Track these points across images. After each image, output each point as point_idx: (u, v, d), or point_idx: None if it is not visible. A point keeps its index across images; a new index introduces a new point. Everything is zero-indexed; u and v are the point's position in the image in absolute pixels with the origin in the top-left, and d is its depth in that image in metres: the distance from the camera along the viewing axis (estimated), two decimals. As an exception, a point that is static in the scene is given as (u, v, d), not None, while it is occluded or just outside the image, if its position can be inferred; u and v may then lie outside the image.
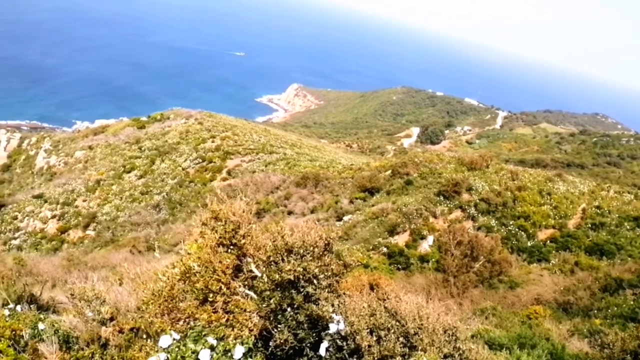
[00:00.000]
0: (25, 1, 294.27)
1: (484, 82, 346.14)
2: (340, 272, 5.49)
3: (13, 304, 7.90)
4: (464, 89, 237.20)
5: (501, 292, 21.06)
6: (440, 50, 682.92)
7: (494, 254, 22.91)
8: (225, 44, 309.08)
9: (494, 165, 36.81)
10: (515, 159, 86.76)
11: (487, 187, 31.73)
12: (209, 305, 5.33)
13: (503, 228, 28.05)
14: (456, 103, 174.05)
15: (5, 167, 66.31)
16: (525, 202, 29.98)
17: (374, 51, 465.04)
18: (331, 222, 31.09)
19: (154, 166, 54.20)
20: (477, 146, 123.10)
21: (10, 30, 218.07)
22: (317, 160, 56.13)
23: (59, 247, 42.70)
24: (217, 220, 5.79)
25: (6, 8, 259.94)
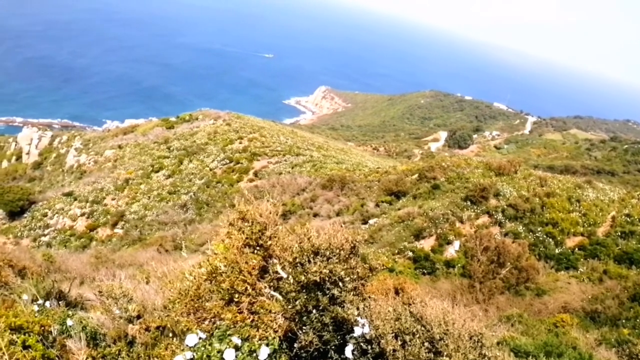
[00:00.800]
0: (58, 2, 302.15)
1: (513, 87, 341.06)
2: (366, 276, 5.45)
3: (42, 299, 8.06)
4: (492, 93, 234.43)
5: (528, 300, 20.69)
6: (468, 54, 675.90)
7: (521, 261, 22.49)
8: (254, 45, 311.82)
9: (523, 171, 36.21)
10: (544, 165, 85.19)
11: (515, 193, 31.24)
12: (234, 305, 5.35)
13: (530, 235, 27.57)
14: (485, 107, 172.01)
15: (37, 165, 68.00)
16: (554, 208, 29.38)
17: (403, 54, 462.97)
18: (357, 225, 31.01)
19: (182, 166, 54.95)
20: (506, 151, 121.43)
21: (44, 30, 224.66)
22: (343, 163, 56.08)
23: (88, 245, 43.62)
24: (244, 220, 5.81)
25: (40, 8, 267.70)
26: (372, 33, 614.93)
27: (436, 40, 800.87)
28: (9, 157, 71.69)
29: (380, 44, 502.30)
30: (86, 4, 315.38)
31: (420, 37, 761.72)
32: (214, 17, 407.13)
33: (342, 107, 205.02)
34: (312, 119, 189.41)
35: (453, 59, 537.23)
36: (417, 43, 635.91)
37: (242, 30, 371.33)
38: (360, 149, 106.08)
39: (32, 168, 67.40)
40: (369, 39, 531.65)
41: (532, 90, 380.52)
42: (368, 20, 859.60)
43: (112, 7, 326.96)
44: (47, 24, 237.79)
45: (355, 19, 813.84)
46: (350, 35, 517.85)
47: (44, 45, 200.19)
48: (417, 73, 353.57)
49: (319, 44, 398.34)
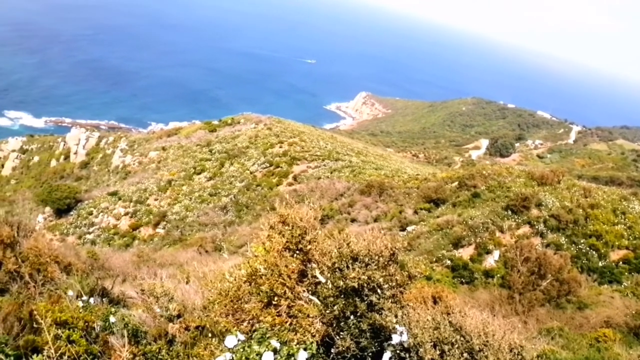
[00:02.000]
0: (107, 7, 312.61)
1: (558, 95, 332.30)
2: (405, 283, 5.41)
3: (86, 296, 8.31)
4: (536, 102, 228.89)
5: (569, 313, 20.04)
6: (512, 61, 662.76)
7: (562, 273, 21.79)
8: (297, 51, 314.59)
9: (566, 181, 35.11)
10: (589, 175, 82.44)
11: (558, 204, 30.30)
12: (273, 308, 5.39)
13: (573, 246, 26.69)
14: (528, 116, 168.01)
15: (84, 165, 70.24)
16: (598, 220, 28.33)
17: (445, 61, 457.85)
18: (394, 232, 30.75)
19: (223, 169, 55.81)
20: (549, 161, 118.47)
21: (95, 34, 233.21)
22: (382, 169, 55.78)
23: (130, 244, 44.76)
24: (284, 224, 5.86)
25: (91, 13, 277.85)
26: (414, 39, 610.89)
27: (479, 47, 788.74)
28: (57, 157, 74.40)
29: (422, 50, 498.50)
30: (135, 10, 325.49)
31: (463, 44, 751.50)
32: (258, 23, 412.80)
33: (382, 113, 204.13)
34: (352, 125, 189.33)
35: (496, 66, 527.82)
36: (459, 50, 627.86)
37: (285, 36, 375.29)
38: (400, 156, 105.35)
39: (79, 167, 69.55)
40: (410, 45, 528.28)
41: (577, 98, 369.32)
42: (410, 26, 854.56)
43: (160, 13, 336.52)
44: (98, 28, 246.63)
45: (398, 25, 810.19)
46: (392, 41, 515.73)
47: (95, 49, 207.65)
48: (459, 80, 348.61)
49: (361, 49, 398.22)
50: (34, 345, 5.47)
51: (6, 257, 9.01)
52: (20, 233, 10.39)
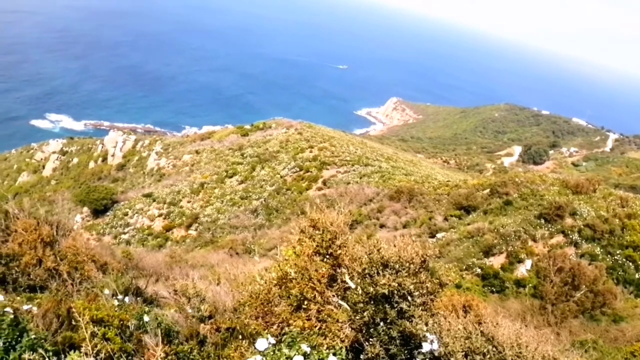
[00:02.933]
0: (146, 14, 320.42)
1: (594, 102, 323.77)
2: (435, 291, 5.37)
3: (121, 295, 8.52)
4: (571, 108, 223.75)
5: (603, 325, 19.47)
6: (546, 66, 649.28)
7: (597, 284, 21.18)
8: (329, 57, 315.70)
9: (602, 190, 34.08)
10: (626, 184, 79.86)
11: (593, 213, 29.44)
12: (302, 312, 5.43)
13: (609, 257, 25.87)
14: (562, 123, 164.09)
15: (120, 167, 71.87)
16: (635, 231, 27.41)
17: (477, 66, 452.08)
18: (424, 239, 30.44)
19: (254, 172, 56.33)
20: (584, 169, 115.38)
21: (135, 40, 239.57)
22: (412, 175, 55.35)
23: (163, 244, 45.57)
24: (315, 228, 5.90)
25: (131, 20, 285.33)
26: (445, 45, 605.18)
27: (513, 52, 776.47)
28: (95, 158, 76.40)
29: (453, 56, 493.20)
30: (171, 17, 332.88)
31: (496, 49, 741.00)
32: (291, 29, 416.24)
33: (413, 119, 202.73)
34: (382, 130, 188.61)
35: (530, 71, 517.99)
36: (492, 55, 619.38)
37: (317, 42, 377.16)
38: (430, 162, 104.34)
39: (116, 169, 71.18)
40: (442, 50, 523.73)
41: (614, 105, 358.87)
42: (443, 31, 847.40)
43: (195, 20, 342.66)
44: (137, 35, 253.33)
45: (431, 30, 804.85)
46: (424, 47, 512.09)
47: (134, 55, 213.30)
48: (491, 86, 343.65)
49: (393, 55, 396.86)
50: (71, 341, 5.61)
51: (46, 255, 9.30)
52: (59, 232, 10.70)
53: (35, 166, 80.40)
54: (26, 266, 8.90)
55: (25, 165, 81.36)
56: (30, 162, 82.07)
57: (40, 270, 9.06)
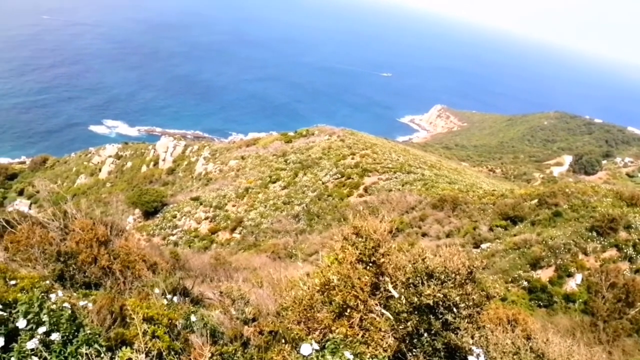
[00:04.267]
0: (200, 25, 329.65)
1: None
2: (482, 303, 5.30)
3: (170, 294, 8.77)
4: (627, 117, 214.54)
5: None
6: (600, 73, 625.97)
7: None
8: (373, 64, 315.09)
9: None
10: (688, 197, 75.74)
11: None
12: (345, 319, 5.46)
13: (666, 274, 24.66)
14: (617, 132, 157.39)
15: (170, 171, 73.93)
16: (695, 246, 26.03)
17: (525, 73, 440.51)
18: (468, 249, 29.87)
19: (297, 178, 56.76)
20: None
21: (189, 51, 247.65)
22: (456, 183, 54.41)
23: (209, 247, 46.50)
24: (358, 236, 5.93)
25: (186, 32, 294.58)
26: (492, 51, 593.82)
27: (563, 58, 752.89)
28: (147, 162, 78.95)
29: (501, 62, 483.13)
30: (222, 28, 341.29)
31: (546, 56, 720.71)
32: (336, 38, 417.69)
33: (458, 126, 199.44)
34: (426, 138, 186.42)
35: (582, 78, 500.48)
36: (541, 61, 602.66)
37: (362, 50, 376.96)
38: (475, 170, 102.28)
39: (167, 173, 73.26)
40: (487, 56, 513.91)
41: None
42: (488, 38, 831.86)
43: (244, 31, 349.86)
44: (191, 45, 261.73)
45: (476, 37, 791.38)
46: (469, 53, 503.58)
47: (189, 65, 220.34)
48: (540, 93, 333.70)
49: (437, 62, 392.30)
50: (123, 338, 5.79)
51: (100, 253, 9.68)
52: (113, 232, 11.11)
53: (92, 169, 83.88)
54: (82, 264, 9.28)
55: (83, 168, 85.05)
56: (87, 165, 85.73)
57: (95, 268, 9.43)
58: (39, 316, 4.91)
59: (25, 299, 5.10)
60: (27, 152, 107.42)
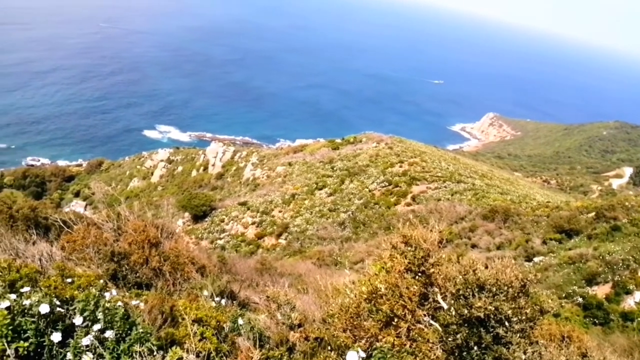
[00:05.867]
0: (251, 33, 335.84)
1: None
2: (535, 318, 5.11)
3: (218, 297, 8.92)
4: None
5: None
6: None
7: None
8: (424, 72, 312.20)
9: None
10: None
11: None
12: (392, 329, 5.38)
13: None
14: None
15: (219, 176, 75.54)
16: None
17: (584, 81, 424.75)
18: (519, 262, 28.96)
19: (343, 185, 56.73)
20: None
21: (241, 58, 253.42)
22: (508, 194, 52.96)
23: (255, 251, 47.13)
24: (407, 245, 5.85)
25: (238, 39, 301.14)
26: (548, 58, 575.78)
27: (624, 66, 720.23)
28: (197, 167, 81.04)
29: (557, 70, 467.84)
30: (272, 35, 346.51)
31: (605, 63, 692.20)
32: (386, 44, 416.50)
33: (511, 135, 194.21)
34: (477, 146, 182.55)
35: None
36: (601, 69, 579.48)
37: (412, 57, 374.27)
38: (528, 181, 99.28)
39: (216, 178, 74.95)
40: (544, 64, 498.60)
41: None
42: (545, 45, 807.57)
43: (296, 38, 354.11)
44: (243, 52, 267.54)
45: (531, 44, 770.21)
46: (524, 61, 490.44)
47: (241, 72, 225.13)
48: (599, 102, 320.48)
49: (490, 69, 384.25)
50: (173, 337, 5.90)
51: (152, 255, 9.95)
52: (163, 234, 11.38)
53: (145, 173, 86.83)
54: (134, 264, 9.57)
55: (136, 171, 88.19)
56: (140, 169, 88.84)
57: (146, 269, 9.70)
58: (95, 314, 5.04)
59: (82, 296, 5.25)
60: (85, 156, 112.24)
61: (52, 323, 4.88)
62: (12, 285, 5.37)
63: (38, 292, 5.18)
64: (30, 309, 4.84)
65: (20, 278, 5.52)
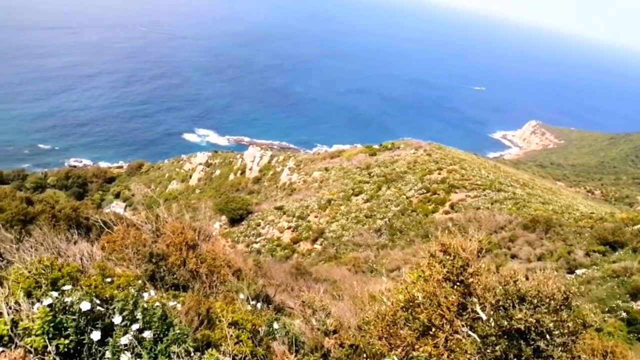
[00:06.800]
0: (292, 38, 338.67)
1: None
2: (578, 332, 4.93)
3: (253, 300, 8.97)
4: None
5: None
6: None
7: None
8: (465, 78, 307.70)
9: None
10: None
11: None
12: (429, 338, 5.30)
13: None
14: None
15: (256, 180, 76.34)
16: None
17: (632, 89, 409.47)
18: (561, 274, 28.08)
19: (380, 192, 56.40)
20: None
21: (282, 64, 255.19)
22: (550, 204, 51.51)
23: (290, 256, 47.33)
24: (445, 253, 5.75)
25: (279, 44, 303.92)
26: (596, 65, 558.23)
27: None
28: (235, 171, 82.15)
29: (604, 78, 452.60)
30: (315, 41, 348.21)
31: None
32: (426, 50, 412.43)
33: (554, 144, 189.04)
34: (518, 155, 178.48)
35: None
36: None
37: (453, 62, 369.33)
38: (572, 191, 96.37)
39: (253, 182, 75.79)
40: (587, 69, 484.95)
41: None
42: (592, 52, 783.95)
43: (336, 43, 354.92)
44: (285, 57, 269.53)
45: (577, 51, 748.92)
46: (566, 66, 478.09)
47: (282, 78, 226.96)
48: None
49: (533, 76, 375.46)
50: (209, 340, 5.95)
51: (189, 257, 10.10)
52: (200, 237, 11.54)
53: (184, 176, 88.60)
54: (172, 266, 9.73)
55: (175, 174, 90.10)
56: (179, 171, 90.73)
57: (183, 271, 9.85)
58: (133, 313, 5.13)
59: (121, 296, 5.37)
60: (126, 159, 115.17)
61: (92, 321, 4.99)
62: (54, 283, 5.51)
63: (79, 291, 5.32)
64: (71, 306, 4.96)
65: (62, 276, 5.66)
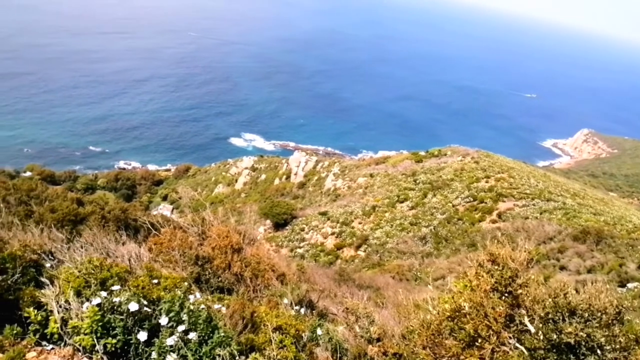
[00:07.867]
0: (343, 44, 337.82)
1: None
2: (630, 347, 4.75)
3: (297, 305, 9.03)
4: None
5: None
6: None
7: None
8: (516, 84, 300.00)
9: None
10: None
11: None
12: (475, 350, 5.21)
13: None
14: None
15: (301, 185, 76.85)
16: None
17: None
18: (612, 287, 26.89)
19: (426, 199, 55.71)
20: None
21: (330, 69, 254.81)
22: (601, 215, 49.47)
23: (334, 262, 47.33)
24: (494, 263, 5.66)
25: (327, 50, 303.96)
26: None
27: None
28: (280, 176, 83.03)
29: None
30: (363, 46, 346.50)
31: None
32: (476, 56, 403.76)
33: (607, 153, 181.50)
34: (569, 164, 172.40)
35: None
36: None
37: (503, 69, 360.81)
38: (625, 201, 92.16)
39: (297, 187, 76.36)
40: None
41: None
42: None
43: (381, 48, 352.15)
44: (333, 63, 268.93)
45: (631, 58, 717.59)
46: (624, 75, 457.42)
47: (330, 83, 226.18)
48: None
49: (587, 83, 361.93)
50: (252, 343, 6.01)
51: (234, 260, 10.26)
52: (245, 240, 11.71)
53: (230, 179, 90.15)
54: (217, 269, 9.90)
55: (221, 178, 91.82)
56: (225, 175, 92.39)
57: (228, 274, 10.02)
58: (180, 315, 5.24)
59: (168, 297, 5.50)
60: (174, 162, 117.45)
61: (139, 322, 5.14)
62: (103, 283, 5.70)
63: (127, 291, 5.48)
64: (119, 306, 5.12)
65: (111, 277, 5.84)
